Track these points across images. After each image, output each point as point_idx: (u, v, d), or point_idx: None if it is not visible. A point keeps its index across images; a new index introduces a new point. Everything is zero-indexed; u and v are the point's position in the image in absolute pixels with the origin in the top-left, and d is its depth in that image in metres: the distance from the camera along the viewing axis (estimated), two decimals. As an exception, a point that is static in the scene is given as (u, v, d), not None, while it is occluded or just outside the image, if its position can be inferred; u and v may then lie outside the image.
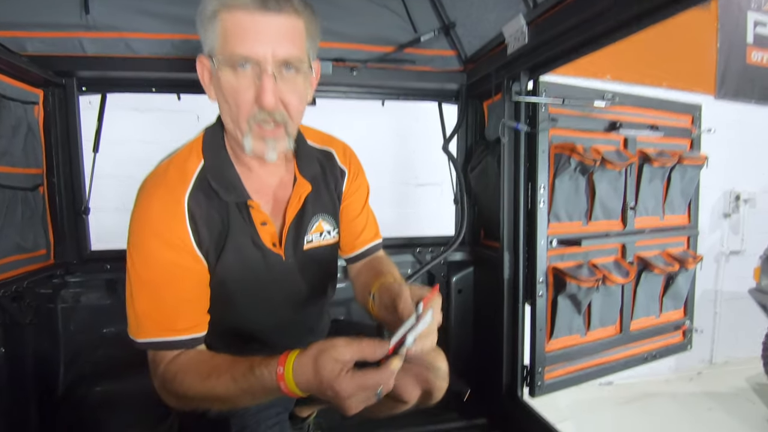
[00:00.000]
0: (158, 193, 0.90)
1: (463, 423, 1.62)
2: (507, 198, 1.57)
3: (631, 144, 1.75)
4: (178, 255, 0.89)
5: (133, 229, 0.90)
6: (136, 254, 0.88)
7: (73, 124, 1.65)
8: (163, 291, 0.88)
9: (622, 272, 1.70)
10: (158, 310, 0.88)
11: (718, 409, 2.80)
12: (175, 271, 0.89)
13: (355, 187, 1.15)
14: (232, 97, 0.85)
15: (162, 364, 0.88)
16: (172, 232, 0.89)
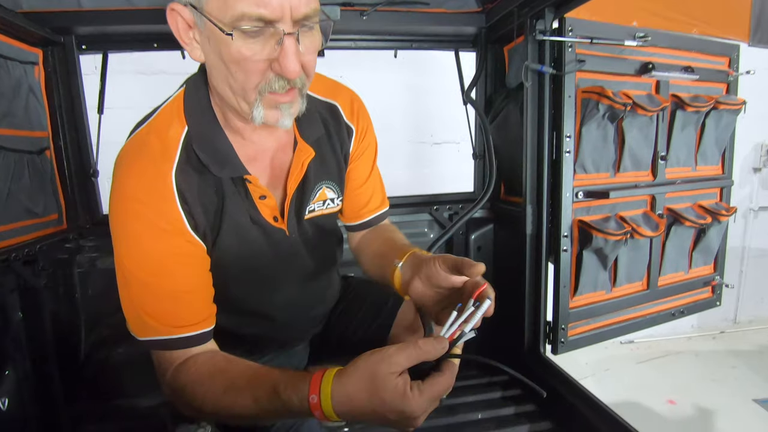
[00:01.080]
0: (140, 170, 0.76)
1: (484, 380, 1.60)
2: (530, 148, 1.48)
3: (663, 88, 1.63)
4: (172, 242, 0.77)
5: (115, 217, 0.76)
6: (123, 247, 0.76)
7: (75, 84, 1.61)
8: (161, 285, 0.76)
9: (652, 225, 1.62)
10: (158, 307, 0.77)
11: (741, 366, 2.76)
12: (172, 261, 0.77)
13: (363, 147, 1.02)
14: (238, 64, 0.69)
15: (170, 369, 0.78)
16: (161, 216, 0.75)
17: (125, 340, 1.63)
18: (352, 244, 1.12)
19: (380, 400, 0.60)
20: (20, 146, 1.40)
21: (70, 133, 1.60)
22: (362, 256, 1.08)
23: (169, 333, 0.77)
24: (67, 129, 1.59)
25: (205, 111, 0.81)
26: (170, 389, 0.78)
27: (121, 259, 0.77)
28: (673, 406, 2.34)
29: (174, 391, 0.77)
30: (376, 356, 0.63)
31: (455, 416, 1.40)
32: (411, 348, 0.62)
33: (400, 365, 0.61)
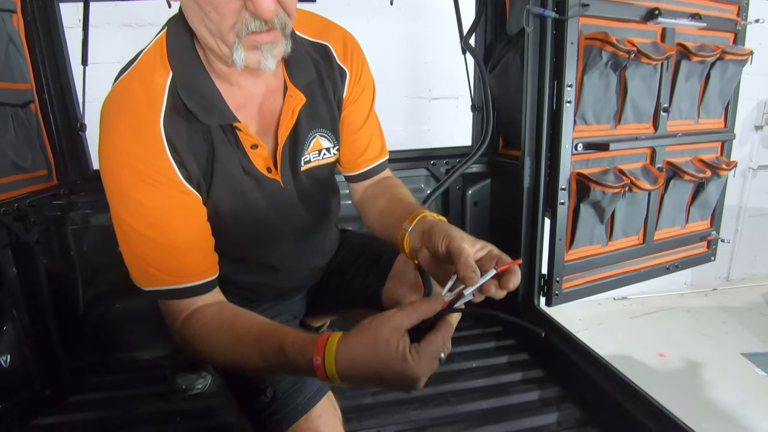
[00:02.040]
0: (127, 121, 0.72)
1: (479, 331, 1.63)
2: (530, 98, 1.44)
3: (669, 36, 1.57)
4: (167, 194, 0.75)
5: (106, 172, 0.73)
6: (118, 202, 0.74)
7: (57, 35, 1.55)
8: (161, 238, 0.75)
9: (651, 178, 1.60)
10: (161, 259, 0.76)
11: (732, 322, 2.82)
12: (169, 213, 0.75)
13: (358, 91, 0.96)
14: (211, 4, 0.64)
15: (179, 318, 0.78)
16: (153, 168, 0.73)
17: (124, 295, 1.67)
18: (355, 197, 1.07)
19: (382, 363, 0.60)
20: (2, 98, 1.35)
21: (55, 85, 1.56)
22: (367, 212, 1.03)
23: (174, 283, 0.77)
24: (51, 82, 1.55)
25: (189, 55, 0.76)
26: (180, 338, 0.78)
27: (117, 213, 0.75)
28: (663, 359, 2.40)
29: (184, 339, 0.78)
30: (377, 320, 0.63)
31: (450, 365, 1.44)
32: (409, 308, 0.63)
33: (401, 327, 0.61)
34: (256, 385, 0.88)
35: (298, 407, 0.85)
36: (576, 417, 1.21)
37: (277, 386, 0.86)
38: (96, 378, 1.48)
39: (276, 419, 0.85)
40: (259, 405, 0.87)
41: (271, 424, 0.85)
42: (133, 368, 1.53)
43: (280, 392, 0.86)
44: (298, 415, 0.85)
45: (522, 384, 1.35)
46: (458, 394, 1.30)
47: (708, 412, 1.98)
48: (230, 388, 0.97)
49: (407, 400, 1.28)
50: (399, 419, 1.21)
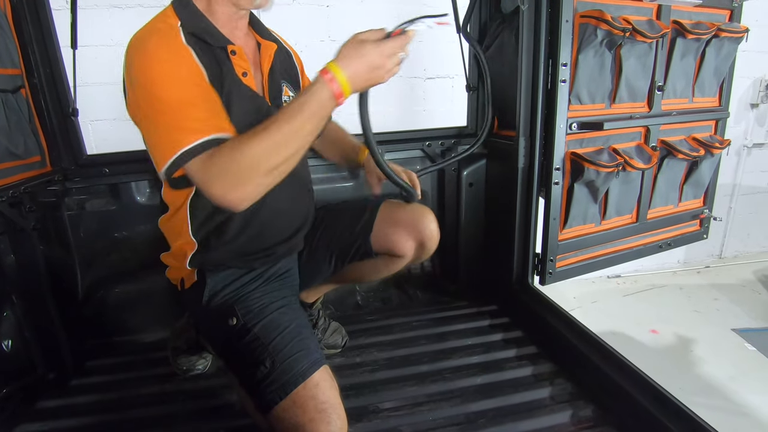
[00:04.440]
0: (156, 41, 0.87)
1: (474, 310, 1.66)
2: (525, 77, 1.44)
3: (665, 13, 1.55)
4: (197, 78, 0.88)
5: (142, 72, 0.85)
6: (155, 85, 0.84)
7: (45, 18, 1.52)
8: (197, 94, 0.86)
9: (644, 157, 1.61)
10: (198, 112, 0.86)
11: (723, 299, 2.86)
12: (200, 84, 0.88)
13: (301, 68, 1.24)
14: None
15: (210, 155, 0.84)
16: (184, 66, 0.87)
17: (122, 279, 1.68)
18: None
19: (366, 50, 0.84)
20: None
21: (45, 70, 1.54)
22: (321, 143, 1.31)
23: (212, 132, 0.85)
24: (41, 66, 1.53)
25: (191, 8, 0.96)
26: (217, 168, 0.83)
27: (153, 95, 0.84)
28: (655, 336, 2.45)
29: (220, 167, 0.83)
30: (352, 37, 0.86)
31: (446, 342, 1.47)
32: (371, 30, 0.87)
33: (369, 37, 0.85)
34: (256, 357, 0.93)
35: (296, 375, 0.90)
36: (569, 391, 1.24)
37: (275, 356, 0.92)
38: (98, 361, 1.50)
39: (274, 388, 0.90)
40: (260, 375, 0.92)
41: (270, 394, 0.90)
42: (134, 351, 1.55)
43: (278, 362, 0.92)
44: (296, 383, 0.90)
45: (516, 360, 1.38)
46: (454, 371, 1.33)
47: (699, 386, 2.03)
48: (229, 364, 1.02)
49: (404, 377, 1.31)
50: (396, 395, 1.24)
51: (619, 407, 1.13)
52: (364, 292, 1.89)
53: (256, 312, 1.00)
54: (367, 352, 1.45)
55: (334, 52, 0.86)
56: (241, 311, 1.00)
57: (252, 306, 1.01)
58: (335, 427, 0.88)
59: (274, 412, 0.90)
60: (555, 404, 1.20)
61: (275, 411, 0.90)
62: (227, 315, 1.00)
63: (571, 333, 1.35)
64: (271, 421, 0.91)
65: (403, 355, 1.42)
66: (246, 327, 0.98)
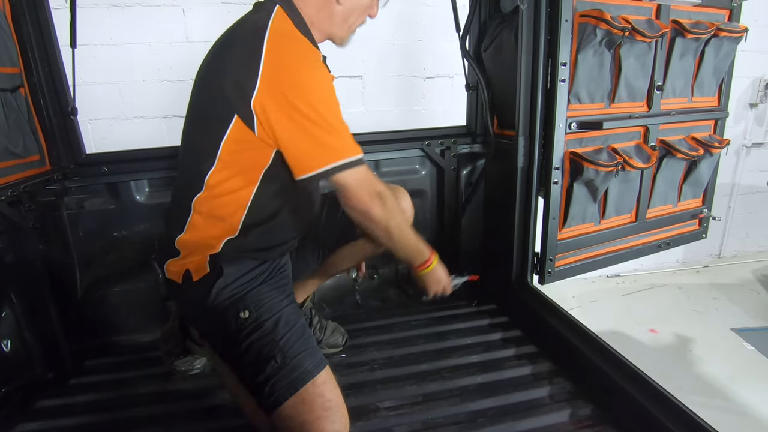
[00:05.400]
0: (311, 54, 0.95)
1: (473, 309, 1.66)
2: (524, 76, 1.44)
3: (664, 13, 1.56)
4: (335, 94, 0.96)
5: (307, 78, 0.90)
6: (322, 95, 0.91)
7: (44, 17, 1.52)
8: (342, 118, 0.95)
9: (643, 157, 1.61)
10: (349, 133, 0.96)
11: (722, 298, 2.86)
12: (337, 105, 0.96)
13: None
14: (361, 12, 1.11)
15: (376, 179, 1.00)
16: (332, 86, 0.96)
17: (121, 279, 1.68)
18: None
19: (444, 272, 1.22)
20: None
21: (44, 69, 1.54)
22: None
23: (360, 152, 0.96)
24: (40, 65, 1.53)
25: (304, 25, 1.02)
26: (381, 194, 1.00)
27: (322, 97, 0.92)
28: (654, 335, 2.45)
29: (385, 196, 1.00)
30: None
31: (446, 341, 1.47)
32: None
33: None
34: (266, 353, 0.94)
35: (305, 373, 0.92)
36: (568, 390, 1.24)
37: (286, 353, 0.94)
38: (96, 360, 1.50)
39: (284, 385, 0.91)
40: (269, 371, 0.92)
41: (279, 391, 0.91)
42: (133, 350, 1.55)
43: (288, 359, 0.93)
44: (304, 380, 0.91)
45: (515, 359, 1.38)
46: (453, 370, 1.33)
47: (698, 385, 2.03)
48: (234, 361, 1.02)
49: (403, 376, 1.31)
50: (395, 395, 1.24)
51: (618, 406, 1.13)
52: (363, 292, 1.89)
53: (268, 307, 1.00)
54: (367, 351, 1.45)
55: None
56: (252, 305, 0.99)
57: (263, 300, 1.01)
58: (340, 426, 0.89)
59: (281, 411, 0.90)
60: (554, 403, 1.20)
61: (282, 409, 0.90)
62: (238, 308, 0.99)
63: (571, 332, 1.35)
64: (276, 419, 0.91)
65: (402, 354, 1.43)
66: (258, 321, 0.97)
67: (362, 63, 2.21)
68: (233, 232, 1.02)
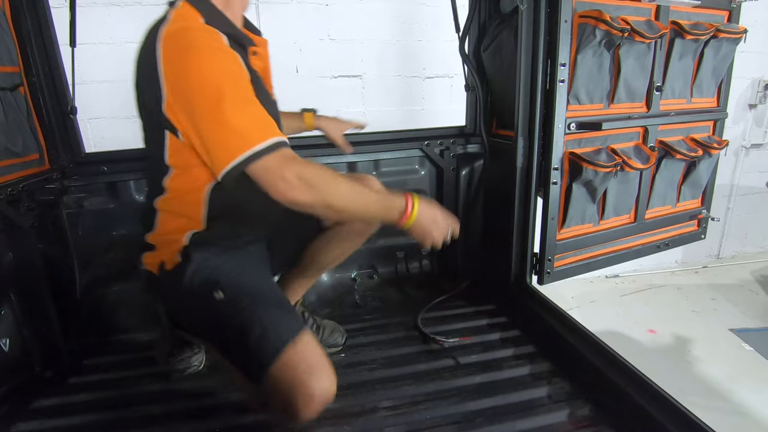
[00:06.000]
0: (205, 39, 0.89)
1: (472, 309, 1.66)
2: (524, 77, 1.44)
3: (663, 14, 1.56)
4: (248, 79, 0.92)
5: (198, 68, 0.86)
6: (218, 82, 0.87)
7: (44, 16, 1.52)
8: (254, 98, 0.91)
9: (642, 158, 1.61)
10: (261, 117, 0.91)
11: (721, 299, 2.87)
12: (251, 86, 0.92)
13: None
14: None
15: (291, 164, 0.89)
16: (237, 65, 0.92)
17: (120, 278, 1.68)
18: None
19: (437, 209, 1.07)
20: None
21: (43, 68, 1.54)
22: None
23: (278, 134, 0.90)
24: (39, 64, 1.53)
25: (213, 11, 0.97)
26: (298, 179, 0.89)
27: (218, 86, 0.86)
28: (653, 335, 2.45)
29: (304, 180, 0.90)
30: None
31: (441, 343, 1.46)
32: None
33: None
34: (245, 326, 0.96)
35: (286, 335, 0.94)
36: (566, 391, 1.24)
37: (265, 322, 0.96)
38: (95, 359, 1.50)
39: (267, 352, 0.93)
40: (251, 341, 0.94)
41: (263, 358, 0.92)
42: (132, 349, 1.54)
43: (268, 326, 0.96)
44: (286, 342, 0.93)
45: (514, 359, 1.38)
46: (452, 370, 1.33)
47: (696, 386, 2.03)
48: (217, 341, 1.05)
49: (402, 376, 1.31)
50: (394, 395, 1.24)
51: (617, 407, 1.13)
52: (362, 291, 1.89)
53: (241, 284, 1.03)
54: (366, 351, 1.45)
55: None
56: (226, 285, 1.02)
57: (236, 279, 1.04)
58: (327, 383, 0.91)
59: (268, 378, 0.92)
60: (552, 403, 1.20)
61: (269, 376, 0.91)
62: (212, 290, 1.01)
63: (569, 332, 1.35)
64: (266, 387, 0.93)
65: (401, 354, 1.43)
66: (234, 299, 1.00)
67: (362, 63, 2.21)
68: (199, 226, 1.06)
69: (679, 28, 1.59)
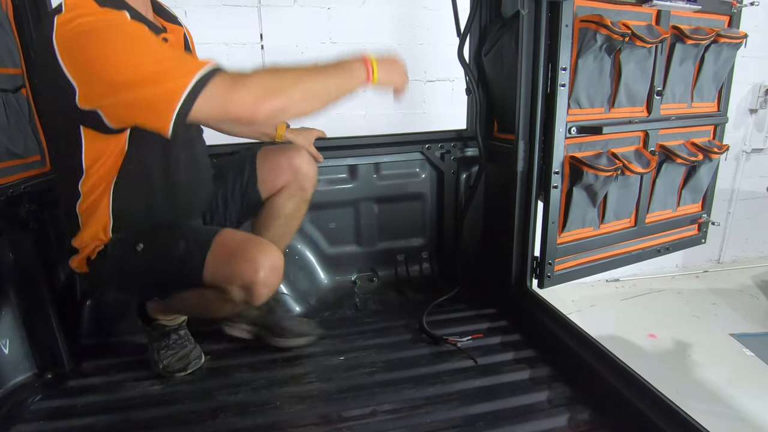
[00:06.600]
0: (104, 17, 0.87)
1: (472, 313, 1.65)
2: (524, 81, 1.44)
3: (664, 18, 1.56)
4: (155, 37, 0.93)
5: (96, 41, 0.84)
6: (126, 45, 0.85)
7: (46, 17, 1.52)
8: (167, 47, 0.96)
9: (643, 162, 1.61)
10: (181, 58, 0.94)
11: (721, 303, 2.87)
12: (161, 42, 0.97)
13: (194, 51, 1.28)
14: None
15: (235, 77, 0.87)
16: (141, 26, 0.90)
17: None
18: None
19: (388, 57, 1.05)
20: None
21: (46, 70, 1.54)
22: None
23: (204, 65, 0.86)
24: (41, 66, 1.53)
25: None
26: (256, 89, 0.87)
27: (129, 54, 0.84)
28: (653, 340, 2.45)
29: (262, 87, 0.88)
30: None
31: (444, 345, 1.46)
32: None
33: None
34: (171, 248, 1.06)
35: (209, 233, 1.06)
36: (566, 395, 1.24)
37: (187, 235, 1.07)
38: (96, 362, 1.50)
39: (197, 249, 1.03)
40: (182, 253, 1.04)
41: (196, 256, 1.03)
42: (131, 352, 1.54)
43: (190, 236, 1.07)
44: (211, 235, 1.05)
45: (514, 363, 1.37)
46: (451, 374, 1.33)
47: (697, 391, 2.03)
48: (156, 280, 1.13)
49: (402, 380, 1.31)
50: (394, 398, 1.24)
51: (617, 411, 1.13)
52: (362, 294, 1.89)
53: (154, 233, 1.12)
54: (366, 355, 1.45)
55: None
56: (141, 238, 1.10)
57: (149, 233, 1.12)
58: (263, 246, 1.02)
59: (206, 268, 1.01)
60: (552, 408, 1.19)
61: (206, 266, 1.01)
62: (133, 246, 1.08)
63: (569, 337, 1.35)
64: (209, 279, 1.02)
65: (401, 358, 1.42)
66: (154, 241, 1.09)
67: (363, 66, 2.22)
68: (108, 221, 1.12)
69: (680, 33, 1.59)
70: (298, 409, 1.21)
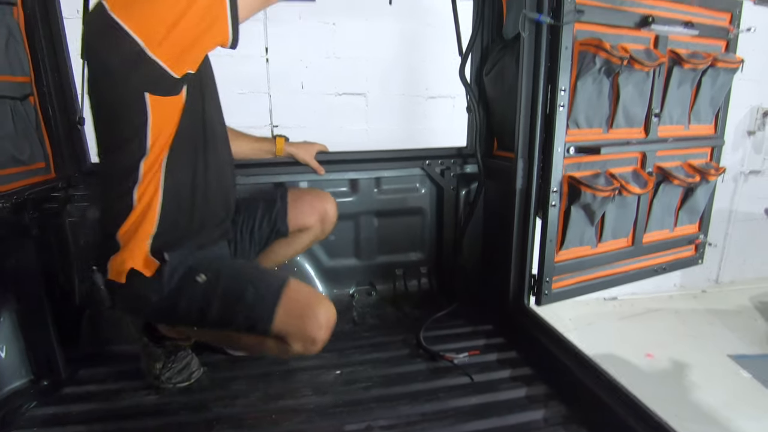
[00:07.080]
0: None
1: (469, 329, 1.66)
2: (524, 101, 1.47)
3: (662, 43, 1.60)
4: None
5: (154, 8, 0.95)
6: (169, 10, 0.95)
7: (57, 27, 1.55)
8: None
9: (640, 182, 1.63)
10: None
11: (719, 324, 2.87)
12: None
13: None
14: None
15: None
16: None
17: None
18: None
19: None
20: (2, 91, 1.37)
21: (54, 78, 1.56)
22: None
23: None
24: (50, 74, 1.55)
25: None
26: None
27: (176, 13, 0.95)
28: (650, 360, 2.44)
29: None
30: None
31: (440, 361, 1.46)
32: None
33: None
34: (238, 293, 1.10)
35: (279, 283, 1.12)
36: (562, 414, 1.24)
37: (255, 282, 1.12)
38: (92, 370, 1.49)
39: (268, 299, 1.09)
40: (251, 299, 1.09)
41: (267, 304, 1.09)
42: (129, 360, 1.54)
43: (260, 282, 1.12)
44: (282, 287, 1.11)
45: (510, 381, 1.38)
46: (447, 390, 1.33)
47: (693, 412, 2.02)
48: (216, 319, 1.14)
49: (398, 396, 1.31)
50: (389, 414, 1.24)
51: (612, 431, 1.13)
52: (360, 308, 1.89)
53: (218, 261, 1.17)
54: (362, 369, 1.45)
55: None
56: (204, 267, 1.13)
57: (210, 263, 1.17)
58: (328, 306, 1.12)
59: (277, 319, 1.08)
60: (548, 427, 1.19)
61: (277, 317, 1.08)
62: (193, 276, 1.11)
63: (566, 355, 1.35)
64: (277, 329, 1.09)
65: (398, 373, 1.42)
66: (217, 274, 1.13)
67: (366, 81, 2.25)
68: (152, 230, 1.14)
69: (678, 57, 1.63)
70: (294, 422, 1.21)
